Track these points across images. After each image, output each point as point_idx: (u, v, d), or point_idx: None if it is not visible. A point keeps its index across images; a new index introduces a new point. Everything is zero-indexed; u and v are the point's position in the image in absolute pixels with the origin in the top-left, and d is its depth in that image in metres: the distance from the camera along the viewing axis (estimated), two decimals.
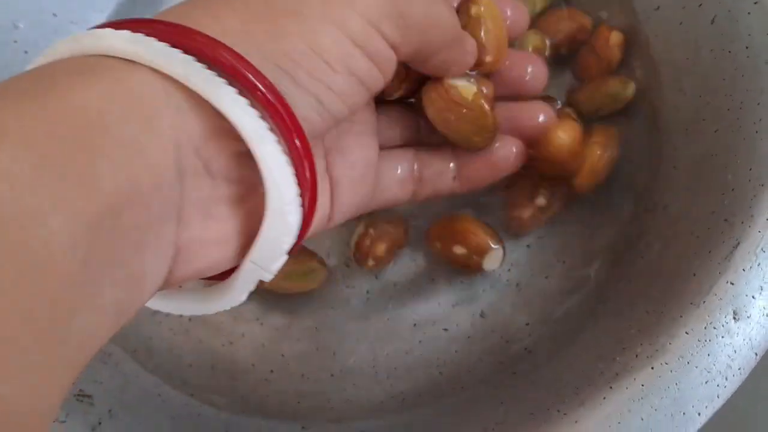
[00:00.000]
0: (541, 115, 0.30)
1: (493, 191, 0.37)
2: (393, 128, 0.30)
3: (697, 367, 0.25)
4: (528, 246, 0.38)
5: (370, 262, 0.37)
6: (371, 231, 0.37)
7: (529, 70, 0.30)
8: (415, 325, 0.37)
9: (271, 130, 0.19)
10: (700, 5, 0.35)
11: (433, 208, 0.38)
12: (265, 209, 0.20)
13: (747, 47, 0.32)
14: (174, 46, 0.18)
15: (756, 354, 0.25)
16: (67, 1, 0.38)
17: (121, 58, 0.18)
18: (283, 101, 0.20)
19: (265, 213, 0.20)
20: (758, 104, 0.30)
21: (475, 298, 0.37)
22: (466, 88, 0.27)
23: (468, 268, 0.37)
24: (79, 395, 0.29)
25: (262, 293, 0.38)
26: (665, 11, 0.37)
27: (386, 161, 0.29)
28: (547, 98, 0.35)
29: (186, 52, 0.18)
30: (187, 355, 0.36)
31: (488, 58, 0.29)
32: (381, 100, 0.29)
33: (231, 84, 0.19)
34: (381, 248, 0.36)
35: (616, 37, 0.38)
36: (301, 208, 0.21)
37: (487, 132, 0.29)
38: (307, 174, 0.21)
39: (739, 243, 0.27)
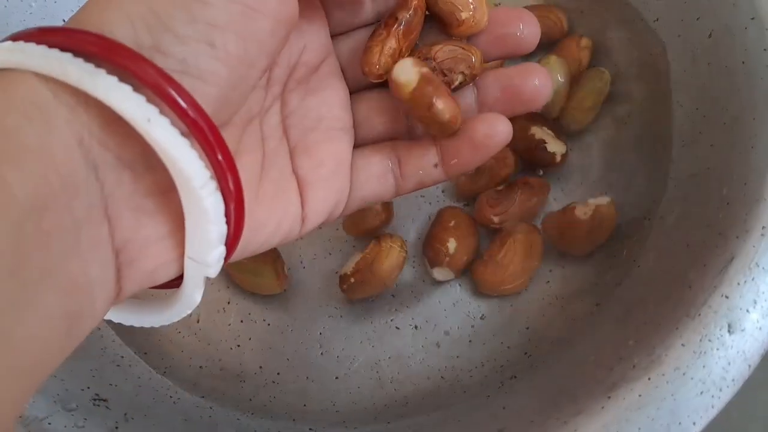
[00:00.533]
0: (535, 78, 0.27)
1: None
2: (375, 117, 0.29)
3: (692, 378, 0.26)
4: None
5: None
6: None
7: (521, 26, 0.27)
8: (416, 327, 0.38)
9: (163, 113, 0.19)
10: (698, 18, 0.35)
11: None
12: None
13: (743, 62, 0.32)
14: (52, 46, 0.18)
15: (749, 366, 0.26)
16: (78, 7, 0.38)
17: (7, 69, 0.18)
18: (164, 73, 0.18)
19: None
20: (754, 119, 0.31)
21: (475, 301, 0.38)
22: (406, 76, 0.25)
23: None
24: (95, 399, 0.30)
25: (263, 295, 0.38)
26: (663, 23, 0.38)
27: (362, 157, 0.28)
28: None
29: (63, 49, 0.18)
30: (196, 357, 0.37)
31: (464, 15, 0.26)
32: (369, 86, 0.28)
33: (112, 72, 0.18)
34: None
35: (585, 42, 0.41)
36: (219, 192, 0.20)
37: (435, 123, 0.26)
38: (219, 156, 0.19)
39: (733, 257, 0.28)
